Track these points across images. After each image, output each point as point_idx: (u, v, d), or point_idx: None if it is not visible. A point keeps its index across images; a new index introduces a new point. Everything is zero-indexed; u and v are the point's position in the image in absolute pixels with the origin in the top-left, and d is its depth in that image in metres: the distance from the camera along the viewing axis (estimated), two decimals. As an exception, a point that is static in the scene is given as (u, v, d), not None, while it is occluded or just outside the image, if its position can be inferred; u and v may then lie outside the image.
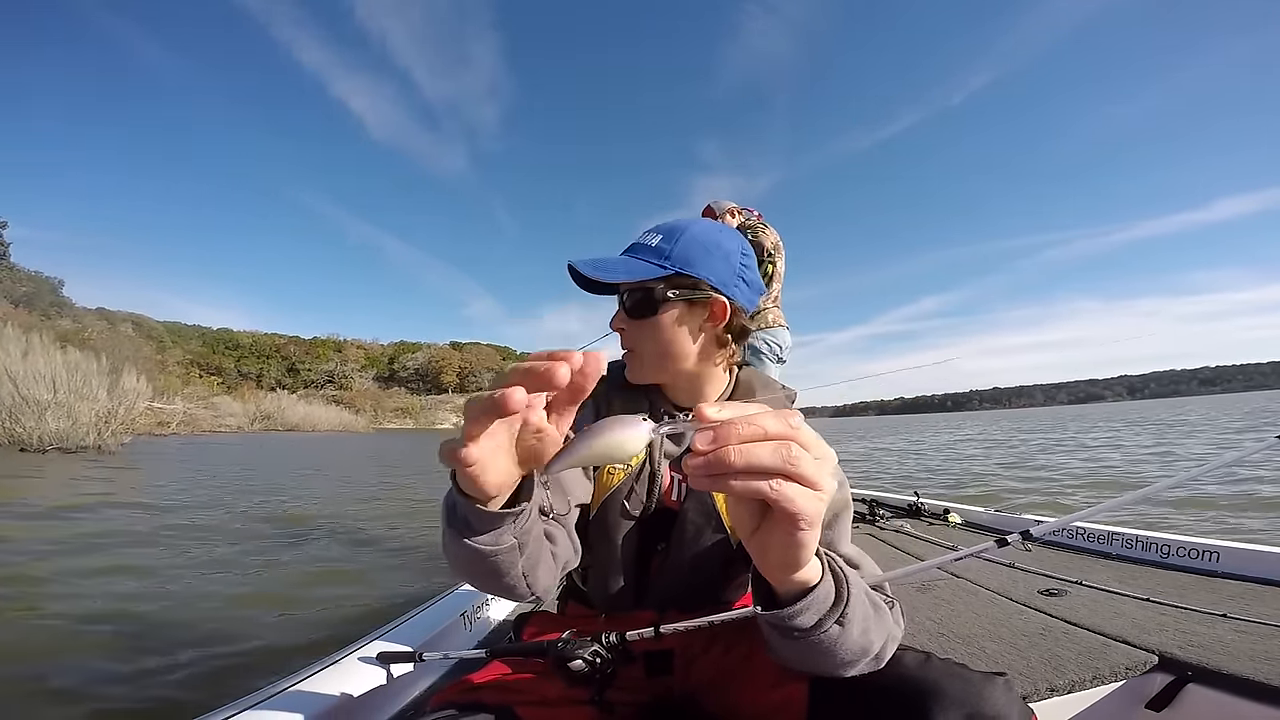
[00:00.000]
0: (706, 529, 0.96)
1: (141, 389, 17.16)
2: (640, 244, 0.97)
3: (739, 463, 0.45)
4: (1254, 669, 1.22)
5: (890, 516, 3.50)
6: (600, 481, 1.00)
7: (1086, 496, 6.99)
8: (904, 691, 0.69)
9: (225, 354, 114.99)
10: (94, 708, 2.11)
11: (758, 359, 3.38)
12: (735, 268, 0.98)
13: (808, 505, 0.47)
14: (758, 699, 0.87)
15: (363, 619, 3.06)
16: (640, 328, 0.96)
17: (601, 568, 1.01)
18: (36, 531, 5.08)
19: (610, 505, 0.99)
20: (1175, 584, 1.94)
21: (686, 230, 0.96)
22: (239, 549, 4.78)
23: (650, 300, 0.94)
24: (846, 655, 0.66)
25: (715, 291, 0.95)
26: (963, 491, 8.17)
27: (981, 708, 0.65)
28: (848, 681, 0.73)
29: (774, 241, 3.41)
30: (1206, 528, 4.86)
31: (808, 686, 0.79)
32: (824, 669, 0.69)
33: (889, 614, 0.75)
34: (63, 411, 13.79)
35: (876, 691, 0.72)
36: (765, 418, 0.47)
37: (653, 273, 0.92)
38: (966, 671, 0.70)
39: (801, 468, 0.46)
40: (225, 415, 43.66)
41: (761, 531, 0.52)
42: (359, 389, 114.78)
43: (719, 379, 1.05)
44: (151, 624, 2.95)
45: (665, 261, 0.93)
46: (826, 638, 0.62)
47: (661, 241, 0.95)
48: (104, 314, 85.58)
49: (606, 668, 0.89)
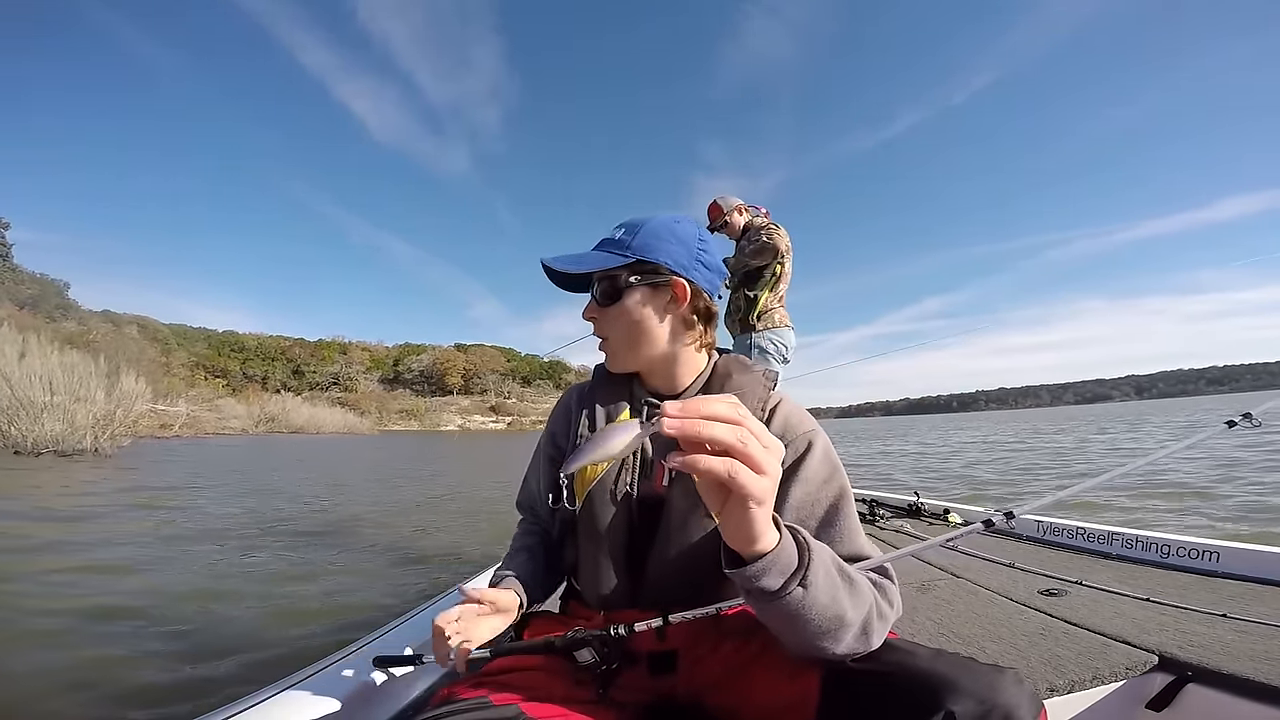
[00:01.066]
0: (693, 514, 0.97)
1: (140, 391, 16.97)
2: (606, 238, 1.06)
3: (704, 434, 0.56)
4: (1254, 669, 1.22)
5: (890, 516, 3.50)
6: (583, 476, 1.02)
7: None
8: (917, 684, 0.70)
9: (231, 356, 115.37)
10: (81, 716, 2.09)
11: (764, 359, 3.37)
12: (694, 252, 1.05)
13: (755, 486, 0.58)
14: (770, 694, 0.87)
15: (363, 620, 3.06)
16: (609, 315, 1.05)
17: (593, 562, 1.02)
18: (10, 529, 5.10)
19: (596, 497, 1.01)
20: (1175, 584, 1.94)
21: (647, 222, 1.05)
22: (230, 551, 4.77)
23: (615, 287, 1.03)
24: (820, 622, 0.71)
25: (674, 274, 1.03)
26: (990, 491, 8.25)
27: (995, 698, 0.66)
28: (860, 674, 0.75)
29: (786, 244, 3.41)
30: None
31: (820, 680, 0.79)
32: (805, 639, 0.73)
33: (868, 590, 0.78)
34: (59, 414, 13.57)
35: (889, 684, 0.72)
36: (716, 403, 0.58)
37: (615, 261, 1.01)
38: (978, 664, 0.71)
39: (749, 449, 0.57)
40: (229, 417, 43.80)
41: (724, 511, 0.63)
42: (364, 391, 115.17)
43: (694, 362, 1.09)
44: (137, 629, 2.92)
45: (627, 251, 1.02)
46: (793, 599, 0.68)
47: (624, 234, 1.04)
48: (109, 316, 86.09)
49: (612, 661, 0.90)
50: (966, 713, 0.65)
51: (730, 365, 1.11)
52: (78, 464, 12.07)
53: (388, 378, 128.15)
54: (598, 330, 1.08)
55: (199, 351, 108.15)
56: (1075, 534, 2.60)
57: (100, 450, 14.02)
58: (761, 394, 1.06)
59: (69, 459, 12.88)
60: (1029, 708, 0.66)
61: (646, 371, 1.09)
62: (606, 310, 1.04)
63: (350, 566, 4.39)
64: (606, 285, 1.03)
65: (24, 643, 2.69)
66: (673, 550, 0.97)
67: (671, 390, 1.09)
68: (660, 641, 0.95)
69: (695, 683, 0.97)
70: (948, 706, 0.65)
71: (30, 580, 3.62)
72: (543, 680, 0.90)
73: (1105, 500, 6.49)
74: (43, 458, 12.75)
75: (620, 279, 1.02)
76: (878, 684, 0.73)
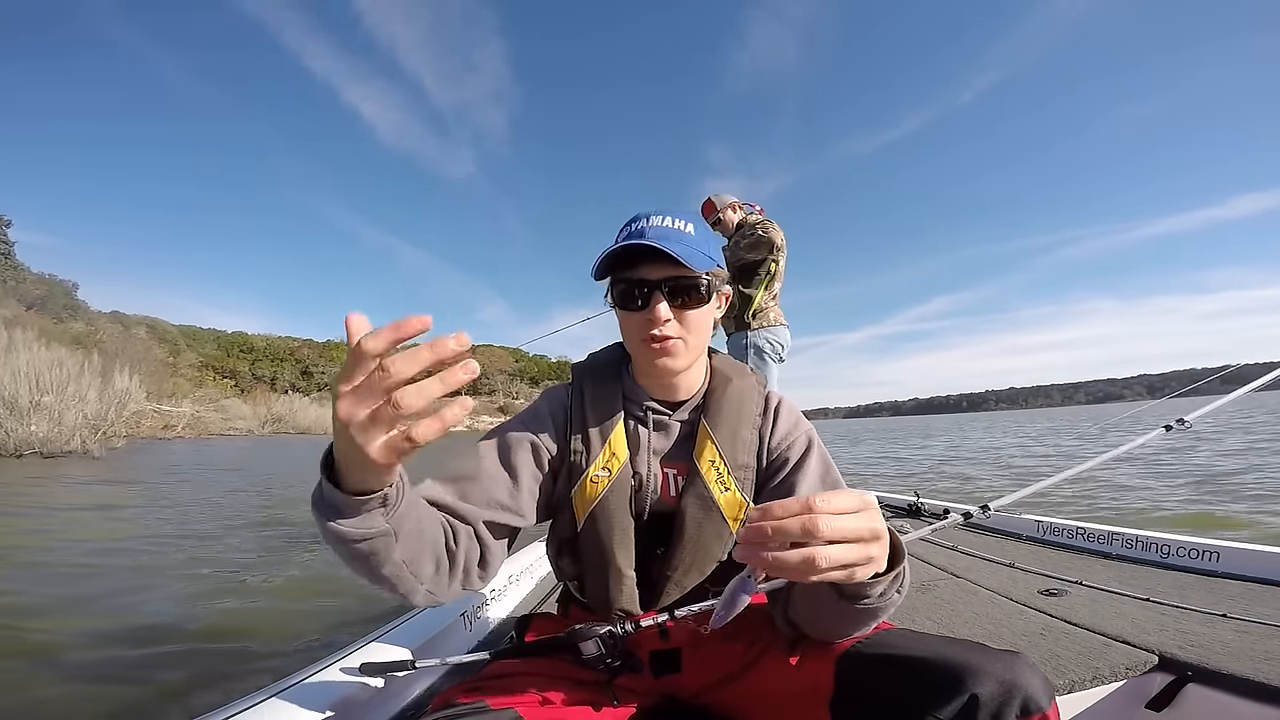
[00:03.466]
0: (707, 523, 0.97)
1: (134, 389, 16.04)
2: (677, 231, 0.98)
3: (825, 565, 0.55)
4: (1254, 669, 1.21)
5: (890, 516, 3.51)
6: (583, 493, 1.00)
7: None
8: (937, 669, 0.70)
9: (240, 357, 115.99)
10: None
11: (761, 358, 3.37)
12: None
13: (850, 555, 0.57)
14: (781, 685, 0.87)
15: (360, 622, 3.01)
16: (687, 317, 0.98)
17: (600, 576, 1.00)
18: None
19: (600, 514, 0.99)
20: (1175, 584, 1.93)
21: (700, 223, 1.03)
22: (217, 555, 4.67)
23: (709, 289, 0.99)
24: (867, 617, 0.75)
25: (725, 282, 1.05)
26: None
27: (1014, 678, 0.67)
28: (876, 660, 0.77)
29: (781, 240, 3.40)
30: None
31: (834, 668, 0.80)
32: (842, 632, 0.79)
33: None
34: (45, 414, 12.66)
35: (907, 669, 0.73)
36: (791, 505, 0.56)
37: (707, 263, 0.97)
38: (993, 649, 0.72)
39: (874, 533, 0.59)
40: (235, 418, 43.62)
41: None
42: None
43: (704, 366, 1.10)
44: (119, 635, 2.84)
45: (709, 252, 0.99)
46: (886, 603, 0.72)
47: (697, 231, 1.00)
48: (118, 317, 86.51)
49: (616, 655, 0.89)
50: (989, 695, 0.66)
51: (726, 368, 1.11)
52: (61, 466, 11.18)
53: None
54: (671, 330, 0.97)
55: (208, 352, 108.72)
56: (1075, 534, 2.60)
57: (89, 452, 13.02)
58: (759, 396, 1.07)
59: (53, 461, 11.96)
60: (1045, 691, 0.68)
61: (680, 374, 1.04)
62: (690, 313, 0.98)
63: (331, 575, 4.31)
64: (702, 286, 0.97)
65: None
66: (686, 558, 0.97)
67: (684, 395, 1.06)
68: (664, 640, 0.95)
69: (701, 681, 0.97)
70: (971, 690, 0.66)
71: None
72: (542, 685, 0.89)
73: (1082, 495, 6.94)
74: (25, 459, 11.87)
75: (708, 281, 0.98)
76: (894, 670, 0.74)
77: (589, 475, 0.99)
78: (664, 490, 1.01)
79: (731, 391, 1.05)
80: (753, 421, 1.04)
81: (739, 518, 0.98)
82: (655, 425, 1.05)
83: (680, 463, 1.02)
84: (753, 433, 1.03)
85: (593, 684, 0.92)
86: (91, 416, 13.77)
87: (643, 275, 0.96)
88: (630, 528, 0.99)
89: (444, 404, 0.53)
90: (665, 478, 1.02)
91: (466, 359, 0.51)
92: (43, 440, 12.50)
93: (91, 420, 13.73)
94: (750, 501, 0.99)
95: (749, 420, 1.03)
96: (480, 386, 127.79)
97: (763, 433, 1.04)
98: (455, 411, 0.54)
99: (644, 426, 1.04)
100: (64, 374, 13.63)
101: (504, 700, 0.83)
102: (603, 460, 1.00)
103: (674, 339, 0.97)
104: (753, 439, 1.03)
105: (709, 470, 0.98)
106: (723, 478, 0.98)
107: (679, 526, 0.98)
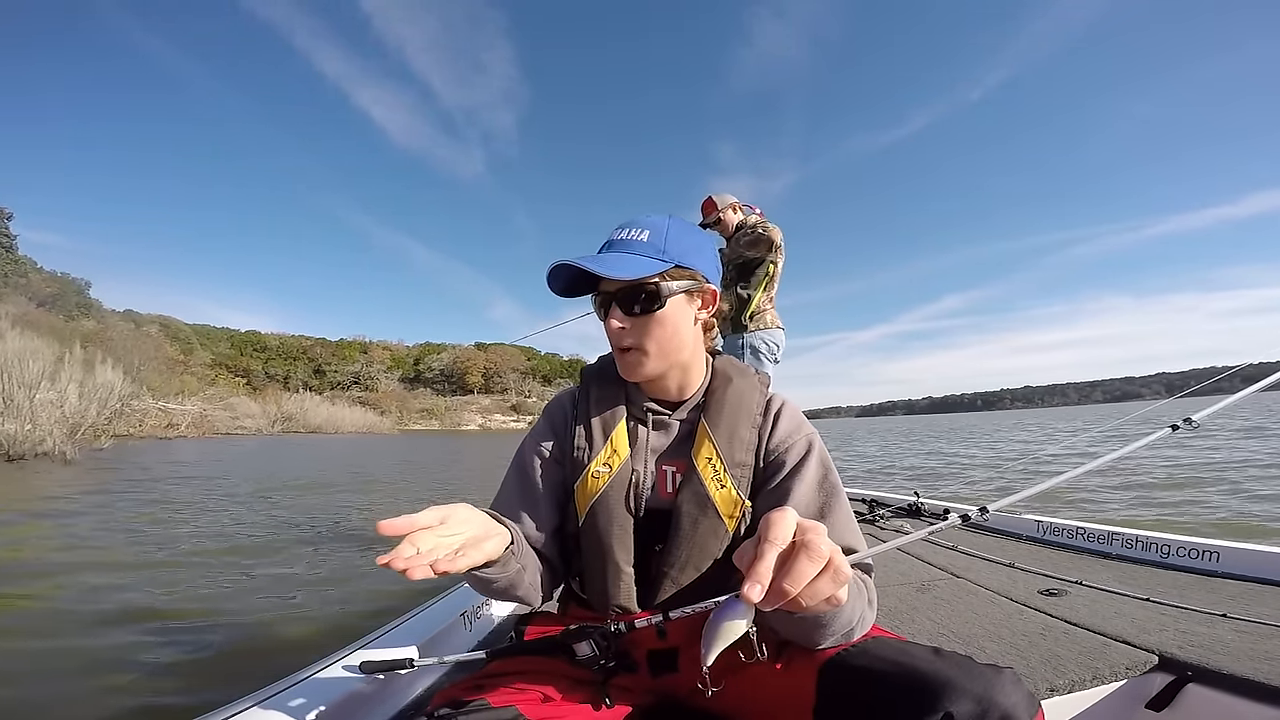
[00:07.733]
0: (703, 519, 0.98)
1: (119, 384, 14.58)
2: (629, 240, 1.00)
3: (803, 598, 0.61)
4: (1254, 669, 1.21)
5: (890, 516, 3.51)
6: (584, 488, 1.02)
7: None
8: (915, 683, 0.70)
9: (253, 356, 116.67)
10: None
11: (758, 359, 3.36)
12: (714, 258, 1.07)
13: (825, 588, 0.61)
14: (766, 690, 0.88)
15: (359, 621, 3.02)
16: (644, 323, 0.99)
17: (598, 572, 1.01)
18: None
19: (599, 510, 1.01)
20: (1175, 584, 1.93)
21: (669, 226, 1.02)
22: (204, 558, 4.54)
23: (657, 294, 0.98)
24: (838, 627, 0.78)
25: (705, 281, 1.04)
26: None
27: (993, 698, 0.66)
28: (858, 672, 0.77)
29: (780, 240, 3.38)
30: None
31: (816, 678, 0.81)
32: (816, 640, 0.82)
33: (865, 586, 0.84)
34: (14, 410, 11.34)
35: (887, 683, 0.73)
36: (804, 565, 0.60)
37: (656, 267, 0.97)
38: (976, 664, 0.71)
39: (835, 571, 0.61)
40: (243, 417, 42.50)
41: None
42: (385, 390, 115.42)
43: (701, 366, 1.10)
44: (118, 633, 2.83)
45: (663, 255, 0.98)
46: (830, 615, 0.75)
47: (652, 237, 1.00)
48: (131, 316, 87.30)
49: (611, 656, 0.90)
50: (964, 713, 0.65)
51: (728, 369, 1.11)
52: (19, 472, 10.02)
53: (408, 377, 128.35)
54: (625, 340, 1.00)
55: (221, 351, 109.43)
56: (1075, 534, 2.59)
57: (65, 455, 11.66)
58: (760, 397, 1.08)
59: (16, 465, 10.70)
60: (1026, 708, 0.67)
61: (661, 378, 1.06)
62: (641, 318, 0.99)
63: (351, 566, 4.36)
64: (647, 291, 0.97)
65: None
66: (682, 554, 0.98)
67: (680, 396, 1.08)
68: (661, 640, 0.95)
69: (697, 681, 0.98)
70: (946, 708, 0.66)
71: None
72: (542, 683, 0.90)
73: (1084, 495, 6.93)
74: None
75: (662, 286, 0.97)
76: (875, 682, 0.74)
77: (590, 470, 1.02)
78: (662, 487, 1.02)
79: (731, 391, 1.06)
80: (752, 420, 1.04)
81: (735, 515, 0.99)
82: (655, 424, 1.07)
83: (679, 460, 1.03)
84: (751, 432, 1.04)
85: (591, 683, 0.93)
86: (69, 414, 12.37)
87: (603, 288, 1.01)
88: (629, 524, 1.00)
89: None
90: (664, 475, 1.03)
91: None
92: (11, 439, 11.04)
93: (69, 418, 12.33)
94: (747, 500, 1.00)
95: (748, 419, 1.04)
96: (492, 385, 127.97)
97: (762, 432, 1.05)
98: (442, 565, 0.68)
99: (644, 426, 1.06)
100: (37, 367, 12.30)
101: (505, 698, 0.85)
102: (604, 456, 1.03)
103: (633, 349, 1.00)
104: (751, 438, 1.03)
105: (705, 467, 0.99)
106: (719, 475, 0.99)
107: (676, 523, 0.98)
